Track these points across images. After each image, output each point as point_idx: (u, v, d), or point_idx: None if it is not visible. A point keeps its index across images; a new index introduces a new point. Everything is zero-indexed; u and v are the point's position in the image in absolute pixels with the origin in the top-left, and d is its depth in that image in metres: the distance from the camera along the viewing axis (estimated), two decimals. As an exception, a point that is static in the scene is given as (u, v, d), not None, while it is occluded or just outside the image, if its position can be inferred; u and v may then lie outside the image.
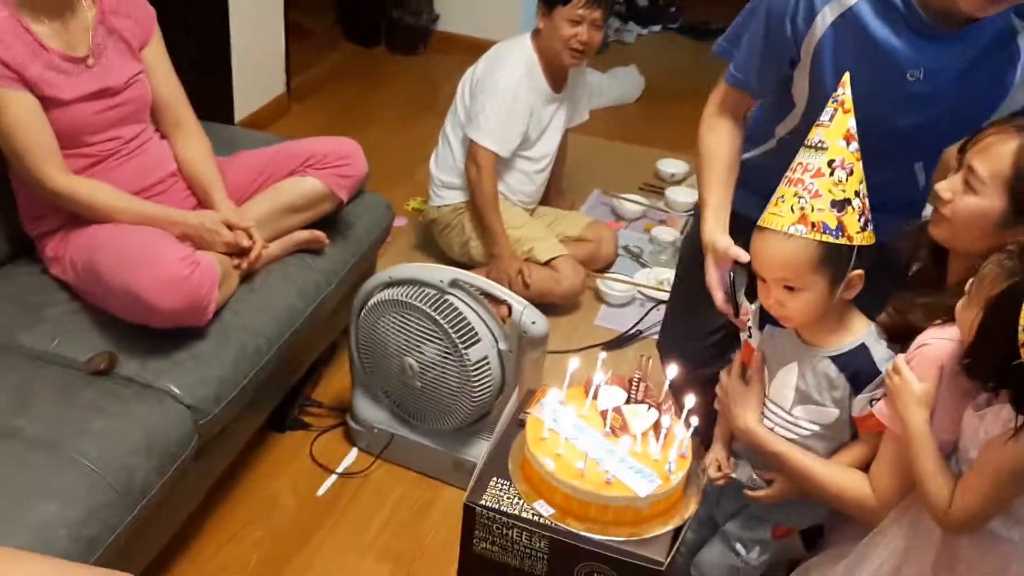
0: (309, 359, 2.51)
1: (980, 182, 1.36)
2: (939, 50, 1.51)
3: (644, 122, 4.60)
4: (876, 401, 1.45)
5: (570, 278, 2.99)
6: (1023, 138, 1.33)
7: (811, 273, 1.42)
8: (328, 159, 2.26)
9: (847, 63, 1.53)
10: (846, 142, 1.41)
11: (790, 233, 1.41)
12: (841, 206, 1.40)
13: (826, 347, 1.50)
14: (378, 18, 5.03)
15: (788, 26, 1.57)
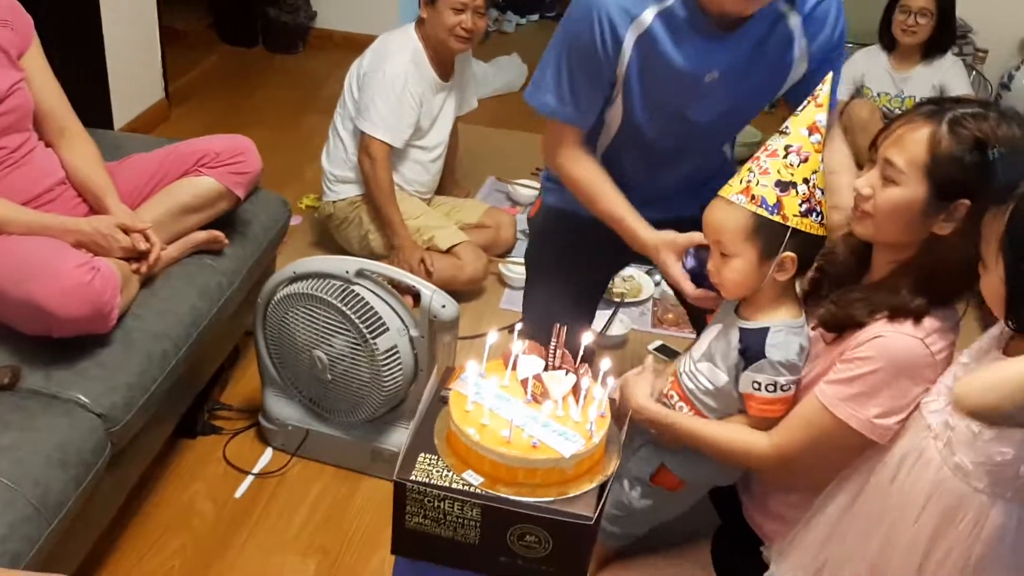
0: (215, 362, 2.47)
1: (899, 172, 1.40)
2: (726, 49, 1.68)
3: (530, 109, 4.64)
4: (761, 386, 1.53)
5: (472, 264, 3.03)
6: (933, 125, 1.38)
7: (742, 241, 1.50)
8: (222, 157, 2.23)
9: (653, 77, 1.73)
10: (808, 132, 1.48)
11: (731, 200, 1.51)
12: (785, 187, 1.47)
13: (747, 320, 1.58)
14: (254, 18, 4.96)
15: (602, 58, 1.70)
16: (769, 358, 1.52)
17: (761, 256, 1.51)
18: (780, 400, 1.55)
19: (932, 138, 1.37)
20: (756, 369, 1.54)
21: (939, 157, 1.36)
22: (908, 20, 3.66)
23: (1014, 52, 4.66)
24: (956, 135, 1.36)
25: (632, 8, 1.68)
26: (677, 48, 1.70)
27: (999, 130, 1.35)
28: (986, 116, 1.36)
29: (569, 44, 1.75)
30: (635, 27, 1.68)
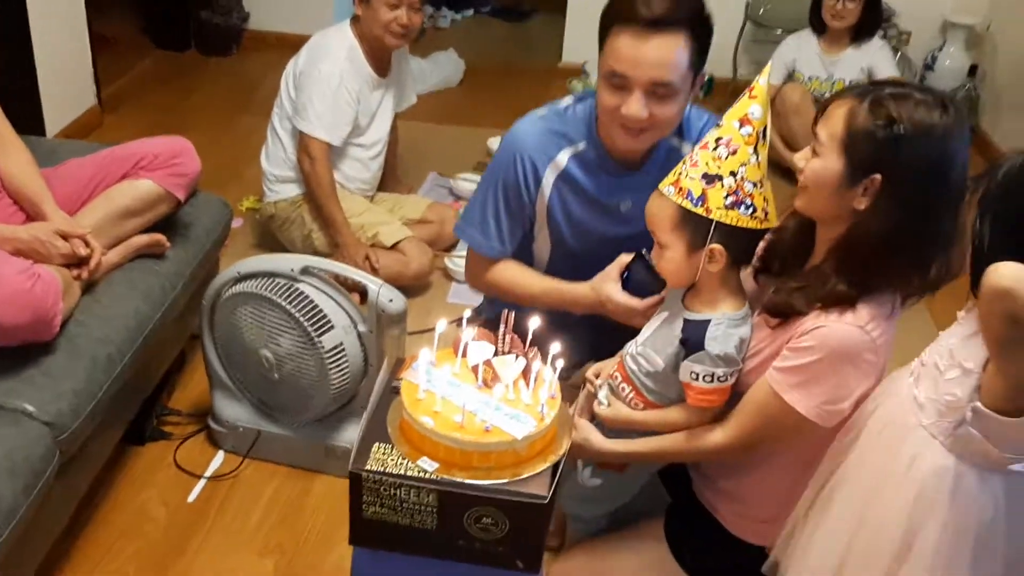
0: (162, 367, 2.45)
1: (822, 146, 1.46)
2: (634, 181, 1.86)
3: (469, 103, 4.69)
4: (699, 377, 1.57)
5: (418, 259, 3.04)
6: (855, 102, 1.43)
7: (670, 231, 1.55)
8: (160, 159, 2.21)
9: (573, 210, 1.93)
10: (740, 124, 1.49)
11: (663, 192, 1.55)
12: (711, 179, 1.49)
13: (691, 311, 1.62)
14: (186, 21, 4.91)
15: (524, 194, 1.91)
16: (708, 351, 1.56)
17: (690, 247, 1.55)
18: (717, 391, 1.59)
19: (850, 114, 1.43)
20: (695, 360, 1.57)
21: (854, 131, 1.42)
22: (837, 5, 3.74)
23: (936, 34, 4.79)
24: (872, 112, 1.41)
25: (549, 151, 1.89)
26: (592, 184, 1.91)
27: (915, 111, 1.39)
28: (908, 97, 1.41)
29: (495, 183, 1.94)
30: (553, 167, 1.89)
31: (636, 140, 1.80)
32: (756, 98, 1.50)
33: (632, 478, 1.80)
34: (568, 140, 1.90)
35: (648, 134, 1.80)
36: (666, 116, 1.76)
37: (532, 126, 1.91)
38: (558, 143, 1.89)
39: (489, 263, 2.02)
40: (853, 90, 1.47)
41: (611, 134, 1.82)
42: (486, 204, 1.96)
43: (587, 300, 1.88)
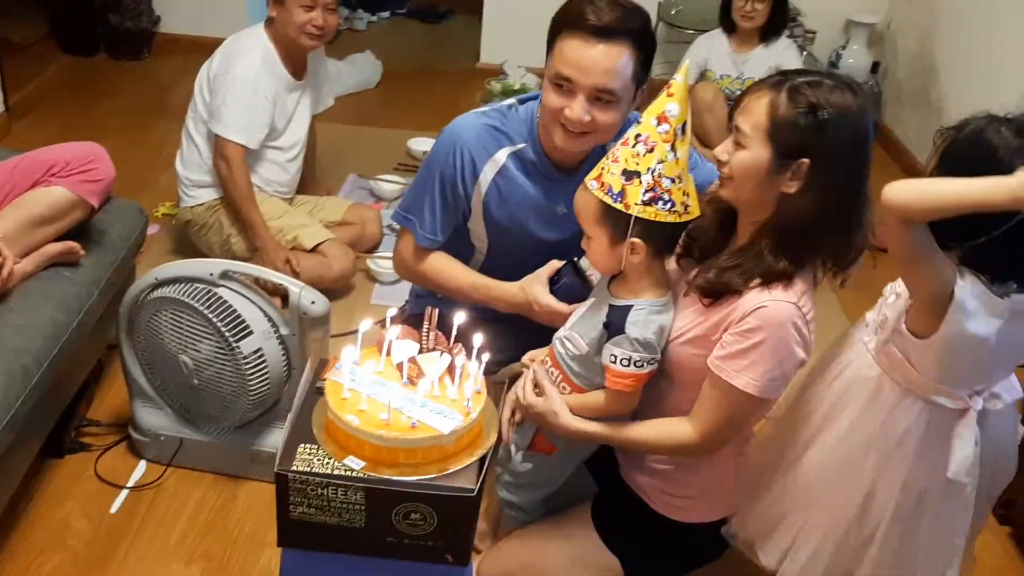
0: (79, 377, 2.40)
1: (746, 137, 1.52)
2: (570, 184, 1.82)
3: (387, 105, 4.68)
4: (616, 359, 1.61)
5: (340, 260, 3.03)
6: (773, 93, 1.50)
7: (594, 224, 1.60)
8: (72, 165, 2.16)
9: (510, 208, 1.97)
10: (658, 121, 1.52)
11: (587, 185, 1.59)
12: (630, 176, 1.53)
13: (616, 298, 1.66)
14: (95, 25, 4.79)
15: (460, 185, 1.95)
16: (628, 334, 1.60)
17: (612, 239, 1.59)
18: (633, 376, 1.63)
19: (771, 104, 1.49)
20: (615, 343, 1.62)
21: (778, 121, 1.48)
22: (746, 7, 3.84)
23: (840, 33, 4.96)
24: (793, 101, 1.48)
25: (489, 147, 1.93)
26: (529, 184, 1.96)
27: (831, 96, 1.47)
28: (821, 84, 1.49)
29: (433, 174, 1.97)
30: (492, 163, 1.94)
31: (576, 142, 1.85)
32: (673, 96, 1.53)
33: (563, 462, 1.84)
34: (509, 139, 1.94)
35: (588, 138, 1.85)
36: (606, 122, 1.81)
37: (474, 121, 1.95)
38: (498, 140, 1.94)
39: (421, 252, 2.04)
40: (766, 82, 1.53)
41: (552, 134, 1.86)
42: (423, 193, 1.99)
43: (514, 299, 1.92)
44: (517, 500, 1.89)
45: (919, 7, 4.56)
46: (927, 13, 4.47)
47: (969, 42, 4.10)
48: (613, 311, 1.64)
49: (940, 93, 4.24)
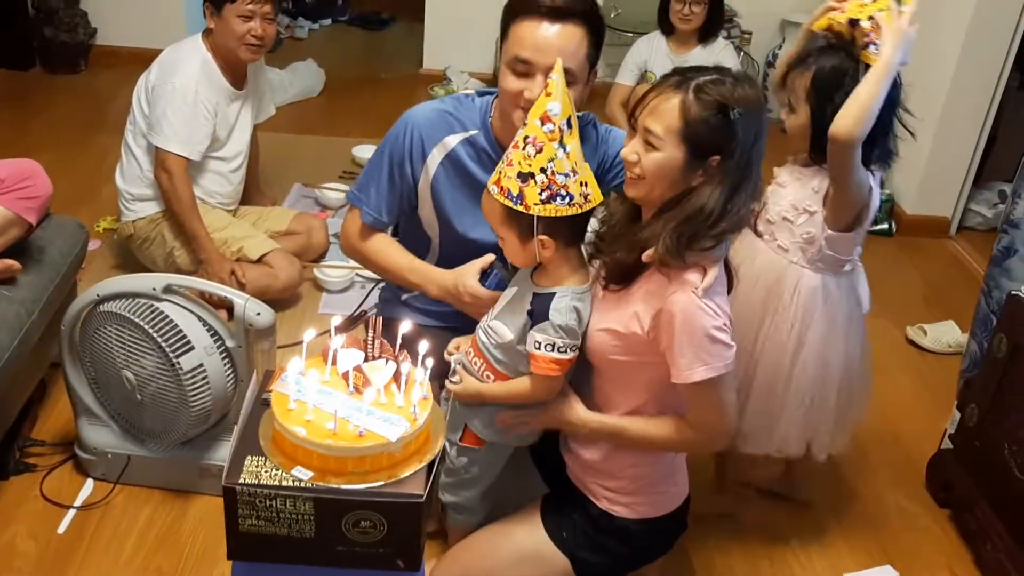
0: (22, 397, 2.36)
1: (658, 139, 1.55)
2: None
3: (330, 113, 4.67)
4: (540, 345, 1.65)
5: (286, 271, 3.01)
6: (682, 94, 1.54)
7: (501, 226, 1.66)
8: (7, 183, 2.13)
9: (458, 193, 2.00)
10: (541, 122, 1.56)
11: (489, 190, 1.63)
12: (525, 178, 1.56)
13: (539, 286, 1.70)
14: (28, 38, 4.70)
15: (407, 165, 1.98)
16: (552, 320, 1.64)
17: (520, 238, 1.64)
18: (557, 361, 1.66)
19: (682, 106, 1.53)
20: (539, 330, 1.65)
21: (691, 122, 1.53)
22: (683, 10, 3.89)
23: (775, 33, 5.05)
24: (701, 101, 1.52)
25: (439, 131, 1.97)
26: (480, 171, 1.98)
27: (736, 92, 1.53)
28: (723, 82, 1.54)
29: (383, 150, 2.02)
30: (440, 147, 1.97)
31: None
32: (552, 95, 1.56)
33: (489, 455, 1.87)
34: (461, 125, 1.98)
35: None
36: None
37: (429, 107, 2.01)
38: (450, 125, 1.98)
39: (365, 230, 2.07)
40: (668, 82, 1.57)
41: (512, 118, 1.87)
42: (372, 171, 2.04)
43: (446, 285, 1.95)
44: (459, 500, 1.90)
45: (851, 6, 4.66)
46: (859, 12, 4.57)
47: (900, 40, 4.20)
48: (537, 299, 1.68)
49: (874, 90, 4.34)
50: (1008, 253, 2.49)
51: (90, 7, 4.79)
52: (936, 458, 2.56)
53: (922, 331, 3.25)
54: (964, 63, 3.69)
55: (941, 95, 3.78)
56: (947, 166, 3.89)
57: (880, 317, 3.37)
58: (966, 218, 4.04)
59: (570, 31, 1.81)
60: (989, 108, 3.78)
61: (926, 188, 3.94)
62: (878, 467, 2.66)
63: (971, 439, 2.36)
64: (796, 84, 1.98)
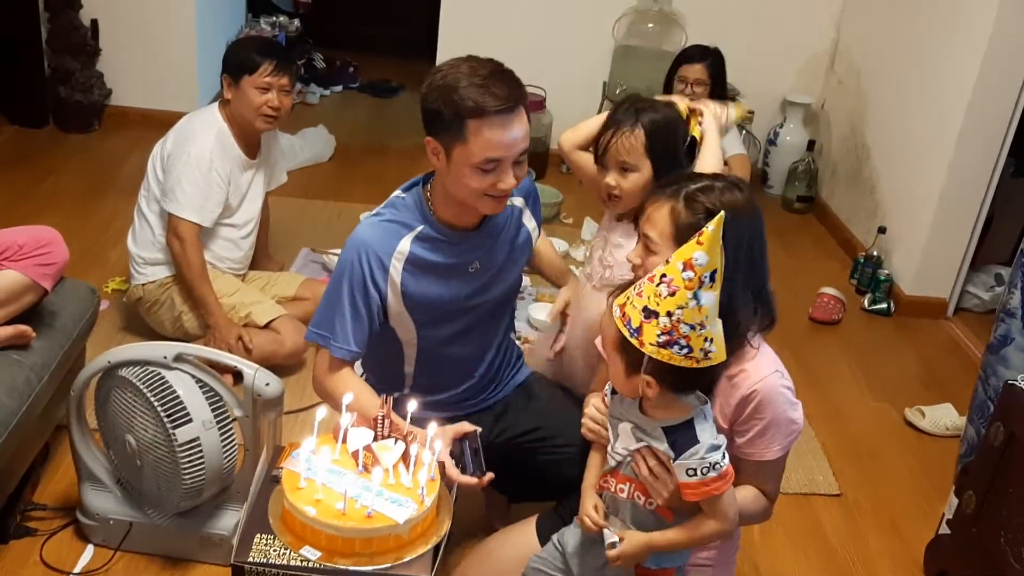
0: (27, 461, 2.37)
1: (655, 243, 1.66)
2: (476, 241, 2.03)
3: (340, 179, 4.74)
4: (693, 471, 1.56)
5: (292, 337, 3.04)
6: (672, 202, 1.65)
7: (611, 349, 1.58)
8: (26, 249, 2.17)
9: (428, 285, 1.99)
10: (683, 267, 1.47)
11: (610, 309, 1.56)
12: (649, 314, 1.49)
13: (661, 420, 1.60)
14: (43, 97, 4.78)
15: (371, 287, 1.94)
16: (702, 443, 1.56)
17: (627, 368, 1.56)
18: (719, 477, 1.57)
19: (672, 212, 1.65)
20: (688, 456, 1.56)
21: (680, 226, 1.63)
22: (686, 89, 3.98)
23: (777, 112, 5.16)
24: (690, 208, 1.64)
25: (390, 242, 1.95)
26: (440, 256, 1.99)
27: (723, 197, 1.64)
28: (712, 188, 1.66)
29: (340, 282, 1.96)
30: (398, 255, 1.95)
31: (503, 204, 1.95)
32: (703, 245, 1.47)
33: None
34: (407, 227, 1.97)
35: (508, 196, 1.96)
36: (523, 175, 1.94)
37: (369, 225, 1.99)
38: (398, 231, 1.97)
39: (337, 366, 2.00)
40: (664, 191, 1.69)
41: (479, 207, 1.92)
42: (331, 306, 1.97)
43: None
44: None
45: (849, 90, 4.77)
46: (857, 96, 4.68)
47: (896, 124, 4.30)
48: (672, 432, 1.58)
49: (871, 171, 4.43)
50: (1005, 342, 2.53)
51: (107, 68, 4.88)
52: (934, 543, 2.56)
53: (920, 413, 3.27)
54: (962, 148, 3.77)
55: (940, 178, 3.85)
56: (945, 248, 3.95)
57: (879, 399, 3.40)
58: (963, 300, 4.09)
59: (520, 115, 1.85)
60: (986, 192, 3.85)
61: (924, 269, 4.00)
62: (875, 551, 2.66)
63: (968, 526, 2.37)
64: (625, 145, 2.05)
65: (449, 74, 1.82)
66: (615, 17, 4.84)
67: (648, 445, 1.60)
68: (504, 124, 1.82)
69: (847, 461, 3.02)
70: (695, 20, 4.77)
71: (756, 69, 4.82)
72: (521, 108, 1.85)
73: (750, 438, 1.69)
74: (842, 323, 3.88)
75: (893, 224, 4.15)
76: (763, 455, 1.69)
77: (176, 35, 4.83)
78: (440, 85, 1.83)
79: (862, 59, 4.70)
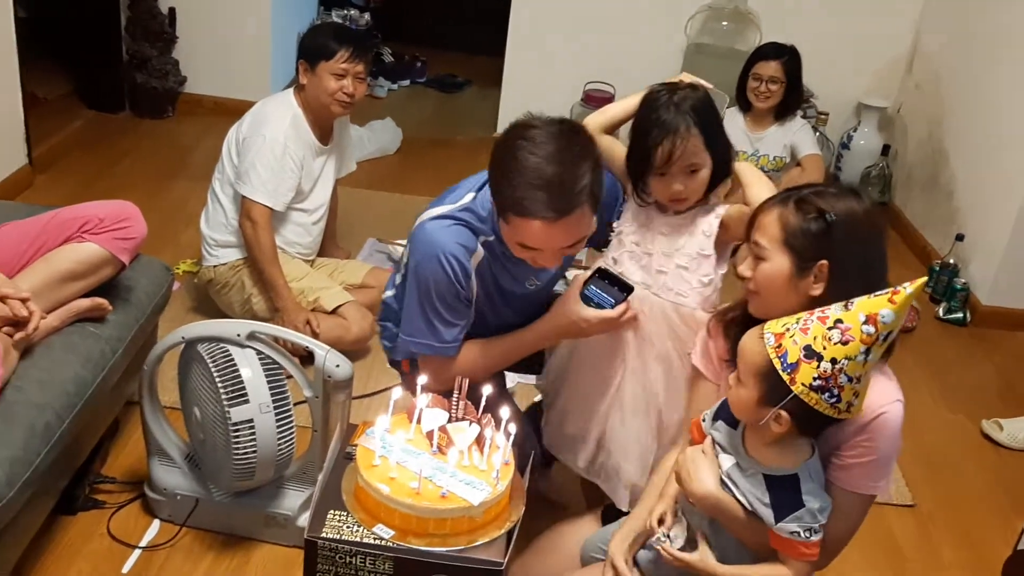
0: (97, 433, 2.39)
1: (764, 250, 1.59)
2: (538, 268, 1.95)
3: (405, 171, 4.75)
4: (798, 534, 1.50)
5: (359, 323, 3.04)
6: (780, 207, 1.58)
7: (752, 375, 1.48)
8: (106, 222, 2.19)
9: (488, 291, 1.98)
10: (865, 319, 1.40)
11: (764, 335, 1.48)
12: (810, 355, 1.41)
13: (762, 462, 1.53)
14: (120, 83, 4.87)
15: (460, 290, 1.91)
16: (808, 507, 1.50)
17: (762, 398, 1.48)
18: (817, 542, 1.52)
19: (781, 216, 1.58)
20: (793, 520, 1.50)
21: (791, 229, 1.56)
22: (761, 87, 3.92)
23: (851, 115, 5.05)
24: (801, 210, 1.57)
25: (469, 243, 1.91)
26: (500, 269, 1.97)
27: (836, 202, 1.56)
28: (824, 193, 1.58)
29: (426, 290, 1.91)
30: (475, 258, 1.93)
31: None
32: (895, 304, 1.39)
33: None
34: (479, 231, 1.92)
35: None
36: (577, 252, 1.90)
37: (443, 227, 1.91)
38: (472, 236, 1.92)
39: (450, 361, 1.98)
40: (775, 199, 1.63)
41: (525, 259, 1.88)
42: (429, 312, 1.93)
43: (558, 330, 1.94)
44: None
45: (929, 94, 4.65)
46: (936, 100, 4.56)
47: (977, 129, 4.17)
48: (774, 486, 1.51)
49: (949, 177, 4.31)
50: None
51: (182, 56, 4.96)
52: (1013, 560, 2.47)
53: (998, 426, 3.17)
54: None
55: (1021, 185, 3.73)
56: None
57: (954, 410, 3.30)
58: (1043, 311, 3.96)
59: (574, 220, 1.73)
60: (1071, 201, 3.73)
61: (1003, 279, 3.87)
62: (948, 563, 2.58)
63: (1052, 543, 2.28)
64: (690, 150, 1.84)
65: (516, 154, 1.72)
66: (688, 14, 4.78)
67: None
68: (545, 229, 1.72)
69: (921, 472, 2.93)
70: (770, 19, 4.68)
71: (830, 72, 4.73)
72: (576, 213, 1.72)
73: (862, 471, 1.55)
74: (916, 332, 3.78)
75: (971, 231, 4.02)
76: (868, 489, 1.55)
77: (251, 26, 4.89)
78: (501, 161, 1.75)
79: (942, 63, 4.58)
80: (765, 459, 1.52)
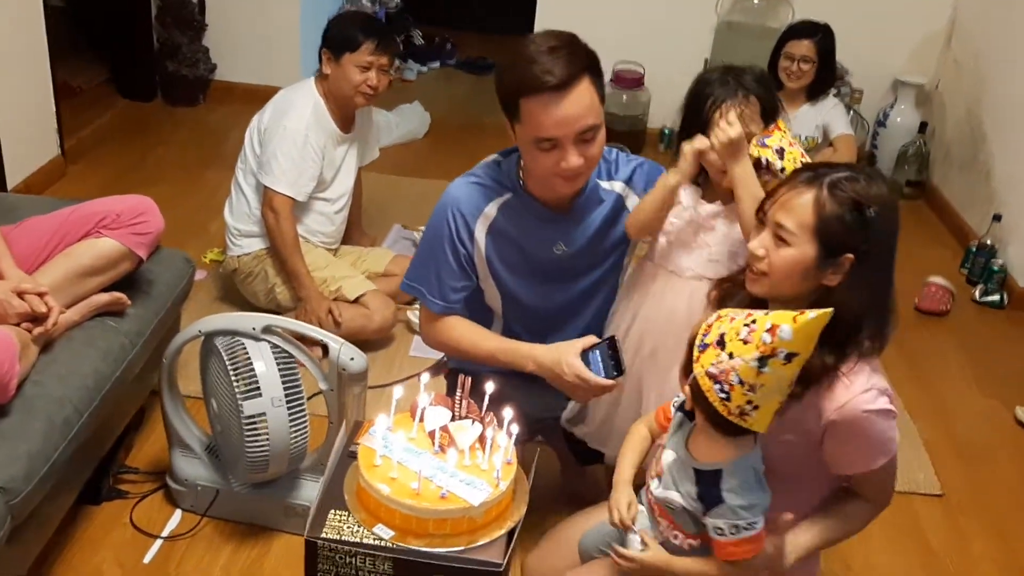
0: (120, 425, 2.43)
1: (791, 234, 1.49)
2: (564, 224, 1.98)
3: (434, 155, 4.73)
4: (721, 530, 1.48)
5: (381, 312, 3.05)
6: (815, 190, 1.48)
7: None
8: (123, 218, 2.22)
9: (511, 257, 2.00)
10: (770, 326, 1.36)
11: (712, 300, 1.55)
12: (720, 343, 1.40)
13: (696, 456, 1.52)
14: (152, 72, 4.92)
15: (459, 245, 1.97)
16: (727, 503, 1.47)
17: (684, 367, 1.48)
18: (746, 541, 1.48)
19: (816, 202, 1.49)
20: (716, 515, 1.48)
21: (826, 218, 1.48)
22: (792, 67, 3.84)
23: (887, 92, 4.94)
24: (836, 198, 1.48)
25: (479, 204, 1.96)
26: (520, 231, 1.98)
27: (871, 191, 1.49)
28: (857, 179, 1.50)
29: (432, 240, 2.01)
30: (483, 219, 1.96)
31: (575, 183, 1.91)
32: (795, 323, 1.34)
33: None
34: (496, 192, 1.98)
35: (584, 174, 1.90)
36: (596, 154, 1.87)
37: (463, 183, 2.01)
38: (487, 195, 1.98)
39: (436, 319, 2.05)
40: (800, 177, 1.53)
41: (551, 187, 1.90)
42: (427, 261, 2.02)
43: (545, 363, 1.91)
44: None
45: (967, 70, 4.52)
46: (975, 76, 4.43)
47: (1017, 107, 4.05)
48: (702, 479, 1.49)
49: (988, 155, 4.19)
50: None
51: (212, 44, 4.99)
52: (1044, 553, 2.42)
53: (1033, 413, 3.09)
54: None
55: (1063, 165, 3.63)
56: (1065, 239, 3.73)
57: (988, 395, 3.23)
58: (1084, 294, 3.85)
59: (580, 92, 1.77)
60: (1114, 181, 3.61)
61: (1042, 261, 3.78)
62: (979, 555, 2.53)
63: (1084, 537, 2.22)
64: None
65: (515, 51, 1.80)
66: (719, -8, 4.70)
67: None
68: (553, 102, 1.75)
69: (951, 460, 2.87)
70: (803, -4, 4.59)
71: (866, 48, 4.62)
72: (579, 84, 1.76)
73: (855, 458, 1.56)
74: (950, 314, 3.70)
75: (1010, 212, 3.92)
76: (869, 464, 1.55)
77: (280, 12, 4.90)
78: (503, 63, 1.82)
79: (982, 39, 4.45)
80: (699, 455, 1.50)
